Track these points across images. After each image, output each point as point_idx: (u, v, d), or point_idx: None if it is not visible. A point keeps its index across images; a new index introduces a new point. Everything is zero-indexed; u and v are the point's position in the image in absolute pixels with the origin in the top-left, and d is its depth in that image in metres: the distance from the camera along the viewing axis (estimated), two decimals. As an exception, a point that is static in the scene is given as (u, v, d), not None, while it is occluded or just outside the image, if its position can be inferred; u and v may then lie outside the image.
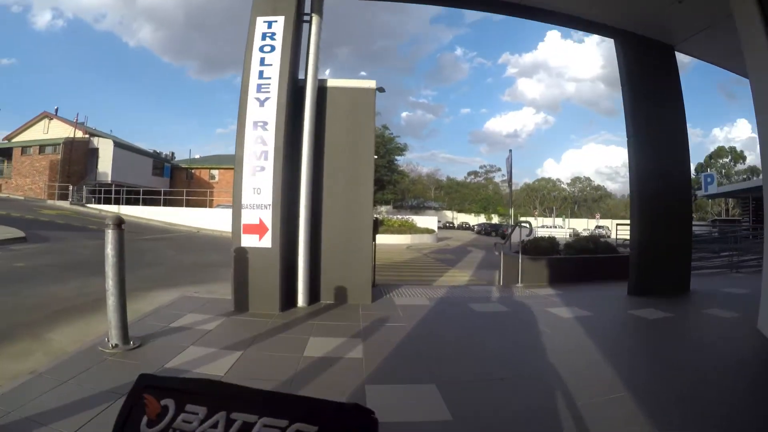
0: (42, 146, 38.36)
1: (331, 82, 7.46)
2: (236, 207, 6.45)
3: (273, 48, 6.59)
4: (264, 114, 6.45)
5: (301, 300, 6.86)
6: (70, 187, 33.30)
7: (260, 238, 6.32)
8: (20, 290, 7.69)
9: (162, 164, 48.53)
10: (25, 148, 39.34)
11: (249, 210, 6.34)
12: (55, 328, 5.55)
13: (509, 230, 13.34)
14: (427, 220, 40.62)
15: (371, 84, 7.48)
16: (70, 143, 37.21)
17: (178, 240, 20.00)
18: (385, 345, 4.99)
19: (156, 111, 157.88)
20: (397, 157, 46.80)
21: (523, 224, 11.51)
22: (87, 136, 39.94)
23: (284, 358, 4.50)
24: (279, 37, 6.62)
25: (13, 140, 42.62)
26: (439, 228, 42.99)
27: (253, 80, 6.56)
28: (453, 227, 73.57)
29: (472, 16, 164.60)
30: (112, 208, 30.36)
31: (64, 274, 9.51)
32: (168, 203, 31.95)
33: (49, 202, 32.18)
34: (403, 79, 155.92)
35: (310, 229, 6.95)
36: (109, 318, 4.59)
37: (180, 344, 4.85)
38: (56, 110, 42.99)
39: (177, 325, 5.68)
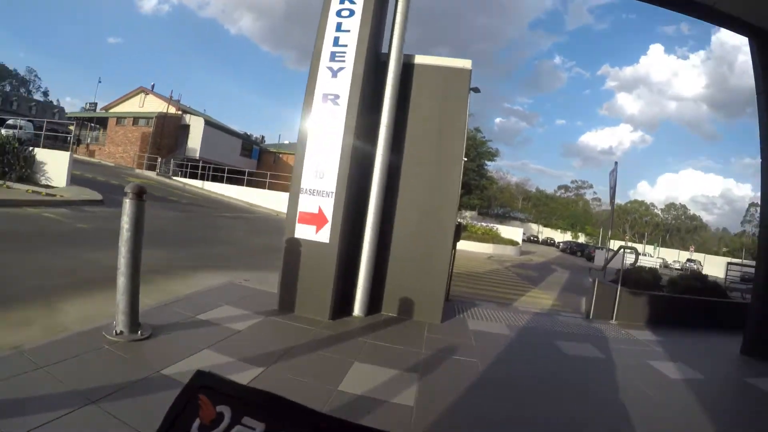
0: (136, 118, 40.41)
1: (420, 59, 6.31)
2: (294, 191, 5.53)
3: (352, 12, 5.58)
4: (336, 86, 5.49)
5: (357, 308, 5.85)
6: (159, 159, 34.58)
7: (317, 231, 5.37)
8: (64, 251, 7.33)
9: (251, 146, 49.67)
10: (120, 119, 41.71)
11: (308, 196, 5.40)
12: (74, 299, 4.96)
13: (607, 254, 11.72)
14: (512, 231, 38.94)
15: (466, 64, 6.24)
16: (162, 117, 38.89)
17: (255, 221, 19.75)
18: (448, 390, 3.84)
19: (251, 96, 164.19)
20: (487, 162, 45.13)
21: (627, 250, 9.86)
22: (180, 112, 41.67)
23: (311, 389, 3.49)
24: (360, 0, 5.67)
25: (110, 111, 45.43)
26: (522, 240, 41.13)
27: (327, 47, 5.58)
28: (537, 241, 70.66)
29: (572, 23, 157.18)
30: (197, 183, 31.07)
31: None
32: (251, 184, 32.18)
33: (137, 171, 33.49)
34: (499, 84, 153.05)
35: (378, 226, 5.90)
36: (117, 301, 3.98)
37: (195, 344, 4.04)
38: (152, 86, 45.22)
39: (204, 317, 4.87)
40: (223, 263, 8.79)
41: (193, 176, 33.66)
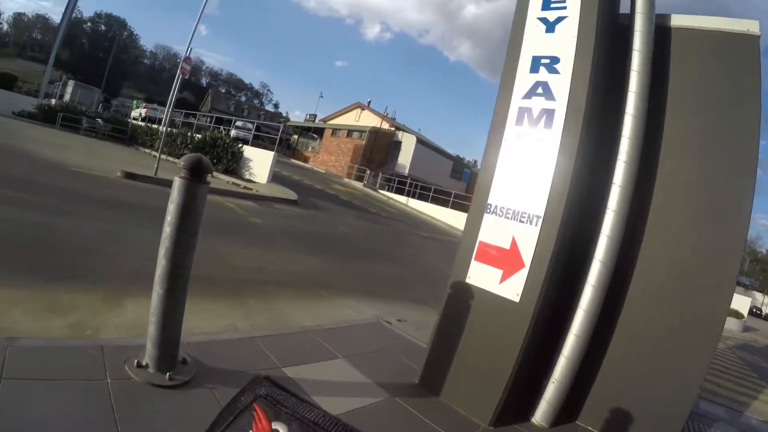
0: (350, 131, 42.49)
1: (678, 20, 3.68)
2: (476, 206, 3.44)
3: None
4: (553, 44, 3.28)
5: (540, 413, 3.47)
6: (367, 171, 35.19)
7: (503, 278, 3.19)
8: (208, 242, 6.44)
9: (462, 169, 48.69)
10: (335, 130, 44.50)
11: (496, 219, 3.27)
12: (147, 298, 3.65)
13: None
14: (736, 299, 31.83)
15: (751, 26, 3.43)
16: (375, 132, 39.91)
17: (449, 244, 18.00)
18: None
19: (466, 120, 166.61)
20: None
21: None
22: (393, 128, 42.33)
23: None
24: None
25: (328, 123, 48.74)
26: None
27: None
28: (759, 315, 56.96)
29: None
30: (401, 198, 30.62)
31: (285, 241, 8.85)
32: (456, 206, 30.78)
33: (345, 180, 34.65)
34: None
35: (606, 282, 3.39)
36: (149, 322, 2.71)
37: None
38: (369, 102, 47.19)
39: (293, 373, 3.15)
40: (386, 288, 7.22)
41: (399, 192, 33.30)
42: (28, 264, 4.29)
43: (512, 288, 3.10)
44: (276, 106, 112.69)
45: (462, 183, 46.57)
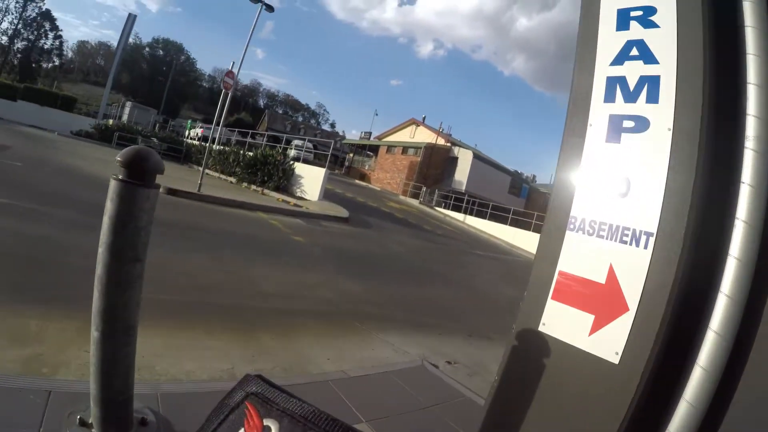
0: (405, 148, 41.74)
1: None
2: (552, 225, 2.42)
3: None
4: None
5: None
6: (423, 188, 34.28)
7: (595, 327, 2.12)
8: (239, 264, 6.40)
9: (520, 184, 47.30)
10: (390, 147, 43.88)
11: (583, 238, 2.22)
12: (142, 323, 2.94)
13: None
14: None
15: None
16: (431, 148, 39.23)
17: (510, 265, 16.81)
18: None
19: (523, 135, 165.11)
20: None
21: None
22: (448, 144, 41.58)
23: None
24: None
25: (383, 140, 48.43)
26: None
27: None
28: None
29: None
30: (458, 216, 29.64)
31: (327, 262, 8.16)
32: (516, 223, 29.49)
33: (401, 197, 34.03)
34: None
35: (735, 326, 2.35)
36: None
37: None
38: (423, 118, 46.77)
39: None
40: (437, 317, 6.29)
41: (456, 209, 32.20)
42: (11, 282, 3.74)
43: (608, 342, 2.06)
44: (332, 125, 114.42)
45: (521, 199, 45.31)
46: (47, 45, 61.91)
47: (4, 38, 57.49)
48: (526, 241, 25.04)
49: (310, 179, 17.14)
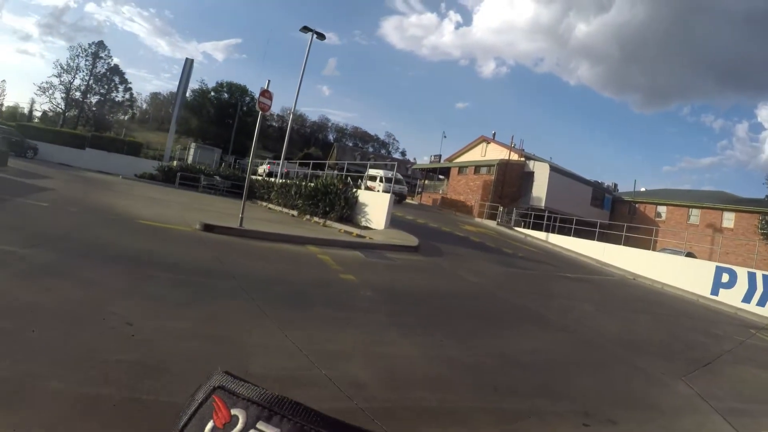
0: (477, 167, 39.78)
1: None
2: None
3: None
4: None
5: None
6: (500, 208, 31.94)
7: None
8: (244, 318, 4.81)
9: (602, 195, 44.21)
10: (461, 168, 41.97)
11: None
12: None
13: None
14: None
15: None
16: (504, 165, 36.98)
17: (607, 287, 14.53)
18: None
19: (597, 144, 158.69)
20: None
21: None
22: (522, 159, 39.18)
23: None
24: None
25: (453, 161, 46.32)
26: None
27: None
28: None
29: None
30: (540, 235, 27.55)
31: (375, 310, 6.27)
32: (603, 238, 26.91)
33: (477, 219, 32.15)
34: None
35: None
36: None
37: None
38: (493, 134, 44.40)
39: None
40: (529, 391, 4.40)
41: (537, 227, 30.00)
42: None
43: None
44: (403, 153, 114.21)
45: (604, 211, 42.14)
46: (118, 98, 65.45)
47: (78, 94, 60.99)
48: (617, 256, 22.46)
49: (374, 207, 15.75)
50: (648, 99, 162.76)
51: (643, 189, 50.37)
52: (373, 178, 30.93)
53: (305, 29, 25.05)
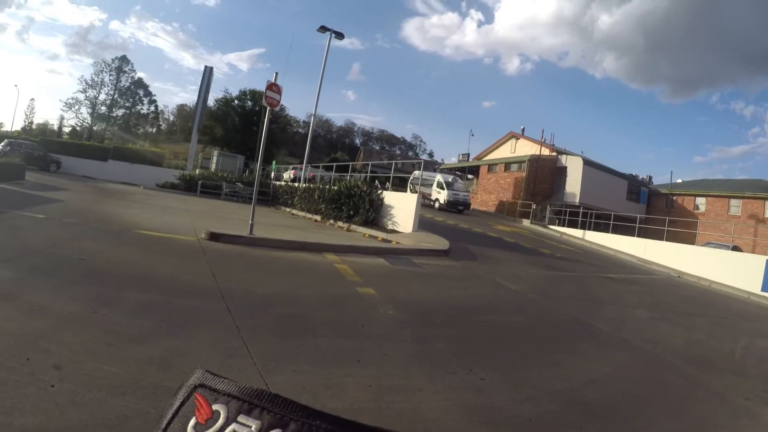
0: (507, 164, 38.52)
1: None
2: None
3: None
4: None
5: None
6: (533, 206, 30.74)
7: None
8: (192, 355, 3.71)
9: (638, 188, 42.46)
10: (491, 166, 40.80)
11: None
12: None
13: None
14: None
15: None
16: (535, 160, 35.74)
17: (653, 287, 13.30)
18: None
19: (628, 136, 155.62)
20: None
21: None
22: (554, 154, 37.77)
23: None
24: None
25: (482, 159, 45.10)
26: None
27: None
28: None
29: None
30: (576, 233, 26.34)
31: (393, 337, 5.02)
32: (642, 233, 25.53)
33: (509, 218, 30.81)
34: None
35: None
36: None
37: None
38: (522, 130, 42.98)
39: None
40: None
41: (572, 224, 28.81)
42: None
43: None
44: (431, 154, 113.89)
45: (641, 205, 40.54)
46: (144, 110, 66.92)
47: (103, 108, 62.07)
48: (660, 253, 21.11)
49: (401, 209, 14.80)
50: (676, 89, 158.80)
51: (679, 180, 48.33)
52: (426, 183, 29.05)
53: (323, 29, 24.53)
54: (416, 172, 29.28)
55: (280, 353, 3.96)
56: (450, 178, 29.38)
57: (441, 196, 27.82)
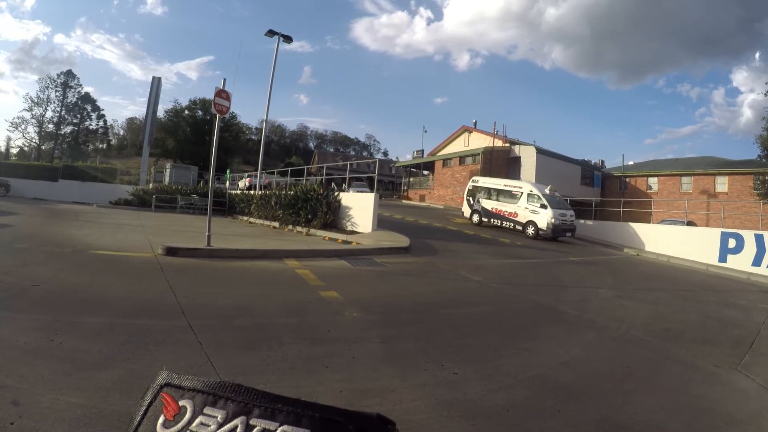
0: (462, 158, 39.21)
1: None
2: None
3: None
4: None
5: None
6: (490, 196, 30.82)
7: None
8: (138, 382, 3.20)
9: (591, 173, 43.51)
10: (446, 160, 41.38)
11: None
12: None
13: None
14: None
15: None
16: (489, 152, 36.36)
17: (614, 267, 13.52)
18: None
19: (578, 124, 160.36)
20: None
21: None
22: (507, 145, 38.51)
23: None
24: None
25: (437, 155, 45.64)
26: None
27: None
28: None
29: None
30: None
31: (358, 339, 4.93)
32: (599, 216, 26.06)
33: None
34: None
35: None
36: None
37: None
38: (475, 123, 43.90)
39: None
40: (605, 424, 3.41)
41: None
42: None
43: None
44: (385, 153, 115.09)
45: (595, 189, 41.57)
46: (92, 126, 64.23)
47: (50, 126, 59.73)
48: (621, 235, 21.58)
49: (359, 209, 14.66)
50: (623, 75, 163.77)
51: (631, 163, 49.68)
52: (512, 195, 21.55)
53: (271, 33, 24.04)
54: (476, 178, 24.93)
55: (246, 366, 3.86)
56: (547, 190, 21.18)
57: (541, 218, 19.48)
